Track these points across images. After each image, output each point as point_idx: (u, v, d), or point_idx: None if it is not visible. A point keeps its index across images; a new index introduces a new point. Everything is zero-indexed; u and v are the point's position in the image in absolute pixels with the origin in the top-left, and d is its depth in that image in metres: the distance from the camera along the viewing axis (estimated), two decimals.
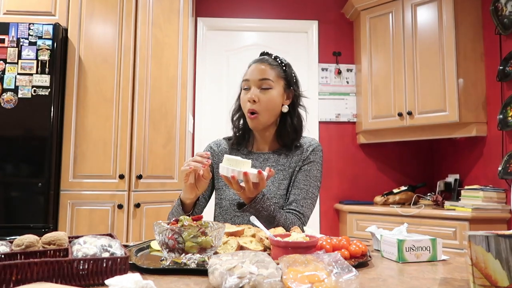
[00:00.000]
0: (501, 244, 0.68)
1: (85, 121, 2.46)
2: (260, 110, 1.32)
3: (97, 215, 2.40)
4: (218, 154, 1.44)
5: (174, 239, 0.84)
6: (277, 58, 1.40)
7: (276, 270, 0.70)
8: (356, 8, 3.25)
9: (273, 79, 1.33)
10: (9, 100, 2.28)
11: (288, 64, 1.41)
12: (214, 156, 1.44)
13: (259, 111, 1.32)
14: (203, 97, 3.37)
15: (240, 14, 3.45)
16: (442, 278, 0.83)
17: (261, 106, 1.32)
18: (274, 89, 1.33)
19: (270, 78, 1.33)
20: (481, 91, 2.74)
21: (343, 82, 3.45)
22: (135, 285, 0.63)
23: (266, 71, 1.33)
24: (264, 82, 1.32)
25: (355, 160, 3.40)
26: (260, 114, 1.32)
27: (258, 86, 1.33)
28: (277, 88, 1.35)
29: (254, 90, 1.32)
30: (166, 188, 2.59)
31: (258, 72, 1.33)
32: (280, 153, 1.40)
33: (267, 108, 1.33)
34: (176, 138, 2.64)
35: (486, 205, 2.41)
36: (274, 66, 1.36)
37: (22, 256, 0.78)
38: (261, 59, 1.38)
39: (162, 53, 2.63)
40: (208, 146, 1.48)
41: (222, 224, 0.93)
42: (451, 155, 3.15)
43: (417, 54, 2.88)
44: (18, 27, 2.33)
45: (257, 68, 1.34)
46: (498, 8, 2.58)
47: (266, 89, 1.32)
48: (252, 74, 1.34)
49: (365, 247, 0.97)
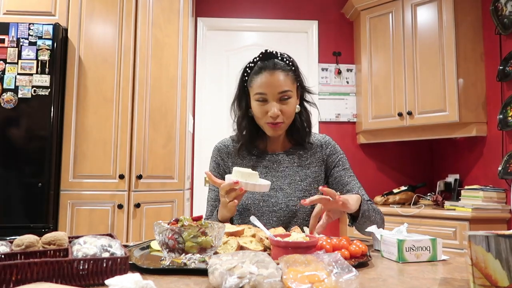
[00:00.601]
0: (501, 244, 0.68)
1: (85, 121, 2.46)
2: (283, 120, 1.28)
3: (97, 215, 2.40)
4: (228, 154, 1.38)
5: (174, 239, 0.84)
6: (286, 59, 1.30)
7: (276, 270, 0.70)
8: (356, 8, 3.25)
9: (290, 87, 1.26)
10: (9, 100, 2.28)
11: (294, 61, 1.33)
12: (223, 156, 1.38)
13: (282, 121, 1.28)
14: (203, 97, 3.37)
15: (240, 14, 3.45)
16: (442, 278, 0.83)
17: (284, 116, 1.27)
18: (292, 97, 1.28)
19: (289, 88, 1.26)
20: (481, 91, 2.74)
21: (343, 82, 3.45)
22: (135, 285, 0.63)
23: (284, 82, 1.25)
24: (285, 94, 1.25)
25: (355, 160, 3.40)
26: (284, 123, 1.29)
27: (277, 98, 1.25)
28: (294, 94, 1.29)
29: (275, 105, 1.24)
30: (166, 188, 2.59)
31: (276, 85, 1.24)
32: (293, 152, 1.37)
33: (289, 116, 1.29)
34: (176, 138, 2.64)
35: (486, 205, 2.41)
36: (287, 71, 1.27)
37: (22, 256, 0.78)
38: (272, 65, 1.25)
39: (162, 53, 2.63)
40: (215, 150, 1.41)
41: (222, 224, 0.93)
42: (451, 155, 3.15)
43: (417, 54, 2.88)
44: (18, 27, 2.33)
45: (273, 80, 1.24)
46: (498, 8, 2.58)
47: (286, 99, 1.26)
48: (269, 87, 1.24)
49: (365, 247, 0.97)
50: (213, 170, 1.38)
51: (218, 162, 1.38)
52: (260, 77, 1.25)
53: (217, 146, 1.41)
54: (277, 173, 1.34)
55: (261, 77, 1.25)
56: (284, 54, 1.31)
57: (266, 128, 1.29)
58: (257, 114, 1.28)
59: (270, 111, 1.24)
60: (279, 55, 1.29)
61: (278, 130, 1.29)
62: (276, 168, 1.34)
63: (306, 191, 1.32)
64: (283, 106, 1.25)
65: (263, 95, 1.25)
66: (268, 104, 1.25)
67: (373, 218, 1.21)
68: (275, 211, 1.29)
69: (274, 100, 1.25)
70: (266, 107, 1.25)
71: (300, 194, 1.31)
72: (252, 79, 1.28)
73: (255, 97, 1.27)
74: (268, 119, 1.26)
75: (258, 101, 1.26)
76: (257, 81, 1.26)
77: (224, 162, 1.37)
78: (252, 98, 1.29)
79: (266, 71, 1.25)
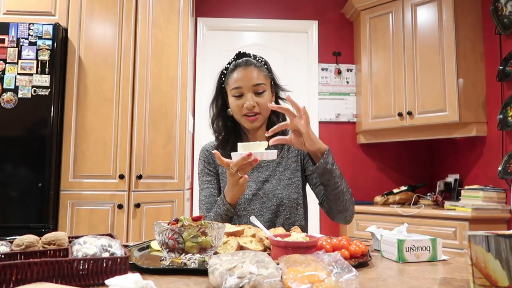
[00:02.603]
0: (501, 244, 0.68)
1: (85, 121, 2.46)
2: (259, 111, 1.35)
3: (97, 215, 2.40)
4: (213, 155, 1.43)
5: (174, 239, 0.84)
6: (259, 58, 1.40)
7: (276, 270, 0.70)
8: (356, 8, 3.25)
9: (264, 81, 1.36)
10: (9, 100, 2.28)
11: (267, 61, 1.43)
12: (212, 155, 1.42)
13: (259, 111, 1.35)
14: (203, 97, 3.37)
15: (240, 14, 3.45)
16: (442, 278, 0.83)
17: (260, 108, 1.34)
18: (267, 91, 1.36)
19: (263, 82, 1.35)
20: (481, 91, 2.74)
21: (343, 82, 3.45)
22: (135, 285, 0.63)
23: (258, 75, 1.34)
24: (259, 87, 1.34)
25: (355, 160, 3.40)
26: (261, 114, 1.35)
27: (253, 91, 1.34)
28: (268, 89, 1.38)
29: (251, 97, 1.33)
30: (166, 188, 2.58)
31: (250, 78, 1.33)
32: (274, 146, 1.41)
33: (265, 108, 1.35)
34: (176, 138, 2.64)
35: (486, 205, 2.41)
36: (260, 67, 1.36)
37: (22, 256, 0.78)
38: (245, 62, 1.36)
39: (162, 53, 2.63)
40: (204, 150, 1.46)
41: (222, 224, 0.93)
42: (451, 155, 3.15)
43: (417, 54, 2.88)
44: (18, 27, 2.33)
45: (247, 73, 1.34)
46: (498, 8, 2.58)
47: (261, 93, 1.34)
48: (244, 80, 1.33)
49: (365, 247, 0.97)
50: (204, 168, 1.43)
51: (208, 161, 1.43)
52: (236, 73, 1.36)
53: (204, 147, 1.48)
54: (261, 167, 1.40)
55: (236, 73, 1.36)
56: (257, 55, 1.42)
57: (244, 121, 1.36)
58: (234, 109, 1.37)
59: (246, 103, 1.33)
60: (251, 55, 1.40)
61: (255, 122, 1.35)
62: (260, 163, 1.40)
63: (289, 179, 1.38)
64: (258, 98, 1.34)
65: (239, 89, 1.34)
66: (244, 97, 1.34)
67: (339, 184, 1.23)
68: (264, 202, 1.35)
69: (249, 92, 1.34)
70: (242, 100, 1.34)
71: (284, 183, 1.37)
72: (228, 78, 1.38)
73: (232, 93, 1.36)
74: (244, 111, 1.34)
75: (235, 96, 1.35)
76: (233, 77, 1.36)
77: (213, 161, 1.42)
78: (229, 94, 1.38)
79: (241, 67, 1.36)
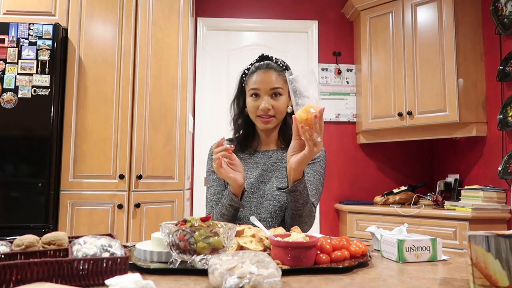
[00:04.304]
0: (501, 244, 0.68)
1: (85, 121, 2.46)
2: (274, 114, 1.38)
3: (97, 215, 2.41)
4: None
5: (185, 240, 0.82)
6: (280, 62, 1.43)
7: (276, 270, 0.70)
8: (356, 8, 3.25)
9: (282, 86, 1.38)
10: (9, 100, 2.28)
11: (288, 66, 1.45)
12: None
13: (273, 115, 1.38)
14: (203, 97, 3.37)
15: (240, 14, 3.45)
16: (442, 278, 0.83)
17: (275, 111, 1.38)
18: (284, 95, 1.39)
19: (280, 86, 1.38)
20: (481, 91, 2.74)
21: (343, 82, 3.45)
22: (135, 285, 0.63)
23: (276, 79, 1.37)
24: (276, 90, 1.37)
25: (355, 160, 3.40)
26: (275, 117, 1.38)
27: (269, 94, 1.37)
28: (285, 93, 1.40)
29: (267, 100, 1.36)
30: (166, 188, 2.59)
31: (269, 82, 1.37)
32: (285, 150, 1.44)
33: (280, 112, 1.39)
34: (176, 138, 2.64)
35: (486, 205, 2.41)
36: (280, 72, 1.39)
37: (22, 256, 0.78)
38: (266, 65, 1.39)
39: (162, 53, 2.63)
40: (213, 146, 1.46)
41: (232, 224, 0.92)
42: (451, 155, 3.15)
43: (417, 54, 2.88)
44: (18, 27, 2.33)
45: (266, 77, 1.37)
46: (498, 8, 2.58)
47: (277, 96, 1.38)
48: (262, 83, 1.37)
49: (365, 247, 0.97)
50: (212, 166, 1.43)
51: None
52: (255, 75, 1.40)
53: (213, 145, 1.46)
54: (266, 166, 1.42)
55: (255, 75, 1.40)
56: (279, 59, 1.45)
57: (258, 122, 1.40)
58: (250, 109, 1.40)
59: (261, 105, 1.36)
60: (274, 59, 1.44)
61: (269, 124, 1.38)
62: (265, 162, 1.43)
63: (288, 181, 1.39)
64: (274, 102, 1.37)
65: (256, 90, 1.38)
66: (260, 99, 1.38)
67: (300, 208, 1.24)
68: (262, 202, 1.37)
69: (266, 95, 1.37)
70: (258, 102, 1.38)
71: (285, 185, 1.38)
72: (248, 78, 1.42)
73: (249, 93, 1.40)
74: (259, 112, 1.37)
75: (252, 97, 1.39)
76: (252, 79, 1.40)
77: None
78: (247, 94, 1.42)
79: (261, 70, 1.39)
